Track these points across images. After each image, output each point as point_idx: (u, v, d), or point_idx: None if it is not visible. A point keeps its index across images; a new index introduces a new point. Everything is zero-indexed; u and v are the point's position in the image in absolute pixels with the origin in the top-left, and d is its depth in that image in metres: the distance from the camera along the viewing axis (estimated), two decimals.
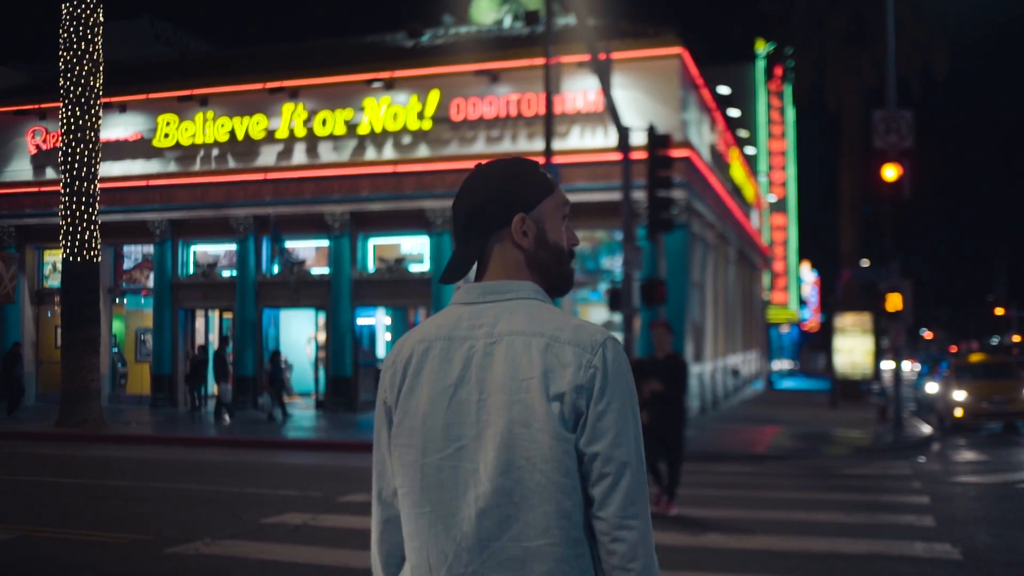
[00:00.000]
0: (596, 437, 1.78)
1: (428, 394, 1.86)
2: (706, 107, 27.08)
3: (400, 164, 23.35)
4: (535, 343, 1.81)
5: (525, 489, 1.77)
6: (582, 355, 1.80)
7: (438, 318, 1.94)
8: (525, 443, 1.77)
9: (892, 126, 20.40)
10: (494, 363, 1.82)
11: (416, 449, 1.85)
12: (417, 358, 1.90)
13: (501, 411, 1.79)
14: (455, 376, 1.85)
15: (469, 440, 1.81)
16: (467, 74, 22.95)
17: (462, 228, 1.95)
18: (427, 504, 1.83)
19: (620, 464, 1.78)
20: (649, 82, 22.04)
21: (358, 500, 10.88)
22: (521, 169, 1.96)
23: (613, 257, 23.59)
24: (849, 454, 17.02)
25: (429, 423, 1.84)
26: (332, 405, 23.66)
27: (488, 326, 1.86)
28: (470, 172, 1.98)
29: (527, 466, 1.77)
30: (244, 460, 15.41)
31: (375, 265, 24.51)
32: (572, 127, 22.32)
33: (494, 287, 1.91)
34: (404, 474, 1.87)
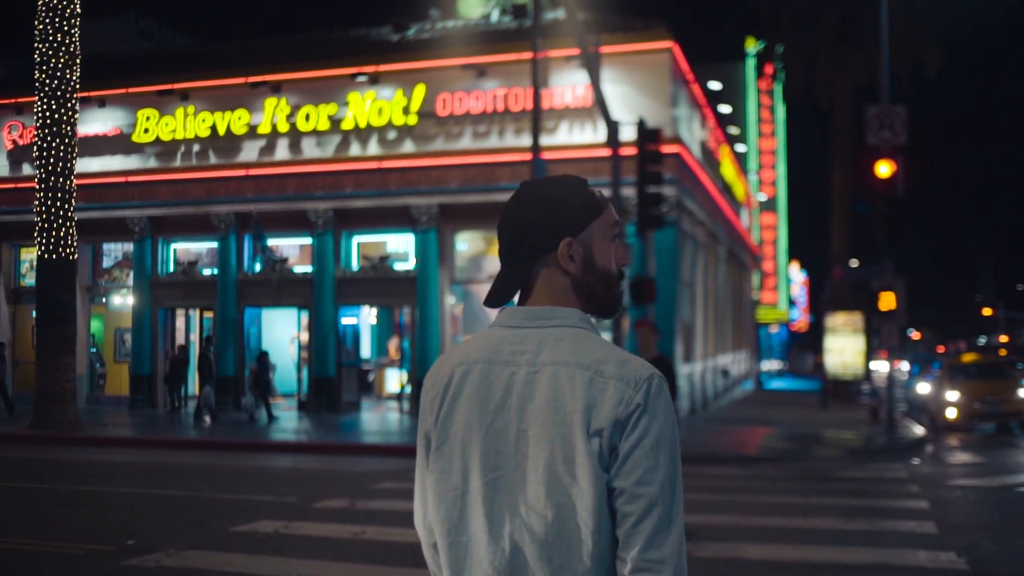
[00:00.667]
0: (623, 473, 1.72)
1: (466, 419, 1.81)
2: (696, 103, 26.70)
3: (385, 160, 22.89)
4: (579, 375, 1.75)
5: (563, 528, 1.72)
6: (624, 390, 1.74)
7: (479, 340, 1.89)
8: (566, 480, 1.72)
9: (886, 122, 20.05)
10: (536, 393, 1.77)
11: (455, 476, 1.81)
12: (456, 381, 1.85)
13: (542, 444, 1.74)
14: (495, 403, 1.80)
15: (508, 471, 1.77)
16: (453, 68, 22.50)
17: (507, 250, 1.89)
18: (464, 533, 1.80)
19: (646, 503, 1.71)
20: (639, 77, 21.64)
21: (334, 506, 10.43)
22: (569, 190, 1.89)
23: None
24: (842, 456, 16.64)
25: (467, 450, 1.80)
26: (315, 406, 23.19)
27: (531, 353, 1.81)
28: (516, 191, 1.92)
29: (567, 504, 1.72)
30: (221, 463, 14.94)
31: (359, 263, 24.05)
32: (560, 122, 21.90)
33: (539, 312, 1.85)
34: (439, 502, 1.84)
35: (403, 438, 18.73)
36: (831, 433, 20.24)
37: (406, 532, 8.92)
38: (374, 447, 17.01)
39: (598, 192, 1.93)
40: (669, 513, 1.73)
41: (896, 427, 20.59)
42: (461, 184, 22.41)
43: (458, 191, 22.45)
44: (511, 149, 21.84)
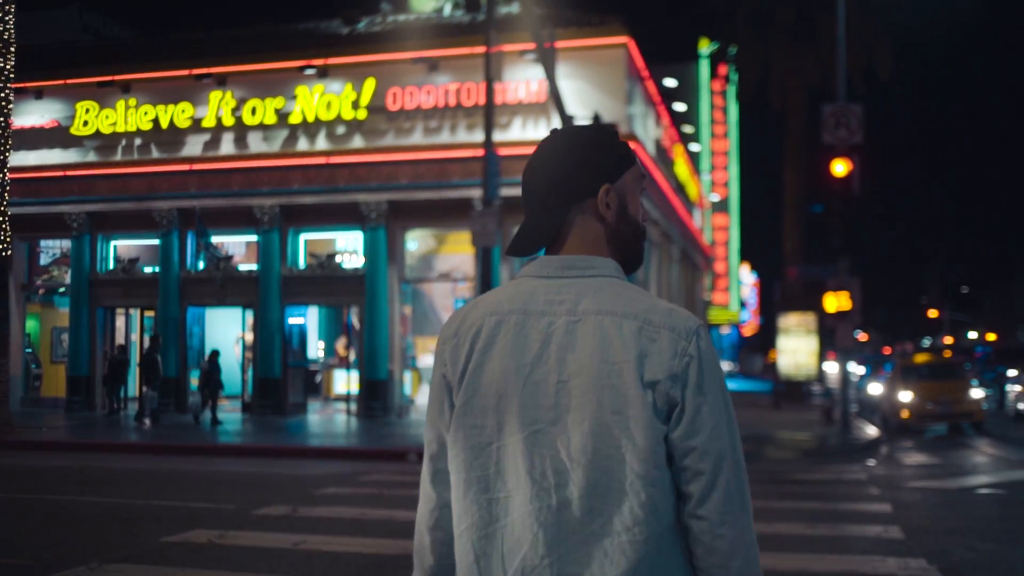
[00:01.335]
0: (694, 431, 1.68)
1: (501, 371, 1.74)
2: (651, 100, 26.44)
3: (333, 155, 22.31)
4: (626, 325, 1.71)
5: (612, 480, 1.67)
6: (677, 341, 1.70)
7: (507, 290, 1.82)
8: (616, 431, 1.67)
9: (842, 120, 19.88)
10: (578, 343, 1.71)
11: (488, 431, 1.74)
12: (487, 332, 1.77)
13: (588, 395, 1.68)
14: (532, 354, 1.73)
15: (547, 424, 1.70)
16: (404, 62, 21.98)
17: (540, 196, 1.82)
18: (502, 490, 1.72)
19: (718, 459, 1.68)
20: (594, 72, 21.28)
21: (275, 514, 9.89)
22: (606, 136, 1.86)
23: None
24: (798, 457, 16.38)
25: (503, 404, 1.73)
26: (260, 408, 22.51)
27: (570, 303, 1.74)
28: (546, 138, 1.86)
29: (616, 456, 1.67)
30: (159, 468, 14.29)
31: (306, 261, 23.43)
32: (513, 118, 21.47)
33: (574, 261, 1.79)
34: (471, 458, 1.75)
35: (350, 440, 18.18)
36: (785, 434, 20.03)
37: (350, 541, 8.42)
38: (320, 450, 16.45)
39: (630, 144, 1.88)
40: (739, 467, 1.71)
41: (850, 428, 20.45)
42: (411, 180, 21.89)
43: (408, 188, 21.94)
44: (463, 145, 21.37)
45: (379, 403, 21.90)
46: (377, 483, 12.40)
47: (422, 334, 25.11)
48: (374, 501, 10.80)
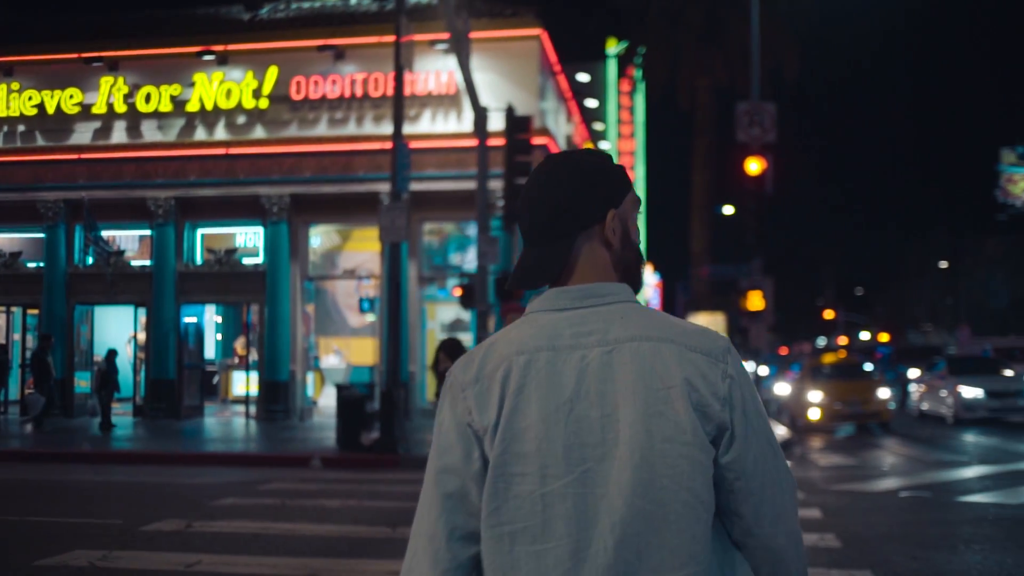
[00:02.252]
0: (744, 453, 1.67)
1: (539, 414, 1.66)
2: (563, 96, 26.00)
3: (233, 146, 21.29)
4: (665, 349, 1.67)
5: (668, 511, 1.62)
6: (716, 364, 1.68)
7: (524, 328, 1.75)
8: (670, 459, 1.62)
9: (755, 119, 19.70)
10: (616, 373, 1.66)
11: (533, 478, 1.64)
12: (518, 373, 1.68)
13: (636, 425, 1.63)
14: (569, 391, 1.66)
15: (595, 462, 1.64)
16: (309, 50, 21.10)
17: (544, 225, 1.76)
18: (551, 539, 1.63)
19: (767, 479, 1.69)
20: (506, 65, 20.72)
21: (167, 529, 9.02)
22: (606, 162, 1.83)
23: (463, 252, 22.22)
24: None
25: (545, 447, 1.64)
26: (152, 411, 21.33)
27: (599, 333, 1.69)
28: (544, 162, 1.81)
29: (671, 486, 1.62)
30: (40, 479, 13.18)
31: (203, 257, 22.32)
32: (423, 110, 20.77)
33: (590, 290, 1.75)
34: (517, 507, 1.65)
35: (249, 446, 17.24)
36: None
37: (250, 561, 7.65)
38: (217, 456, 15.48)
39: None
40: (785, 476, 1.73)
41: None
42: (316, 173, 21.02)
43: (312, 181, 21.06)
44: (370, 137, 20.59)
45: (280, 406, 20.96)
46: (279, 492, 11.59)
47: (325, 334, 24.24)
48: (276, 513, 10.01)
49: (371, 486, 12.21)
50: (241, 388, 23.48)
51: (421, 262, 21.65)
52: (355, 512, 10.10)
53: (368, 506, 10.46)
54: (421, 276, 21.72)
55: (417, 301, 21.49)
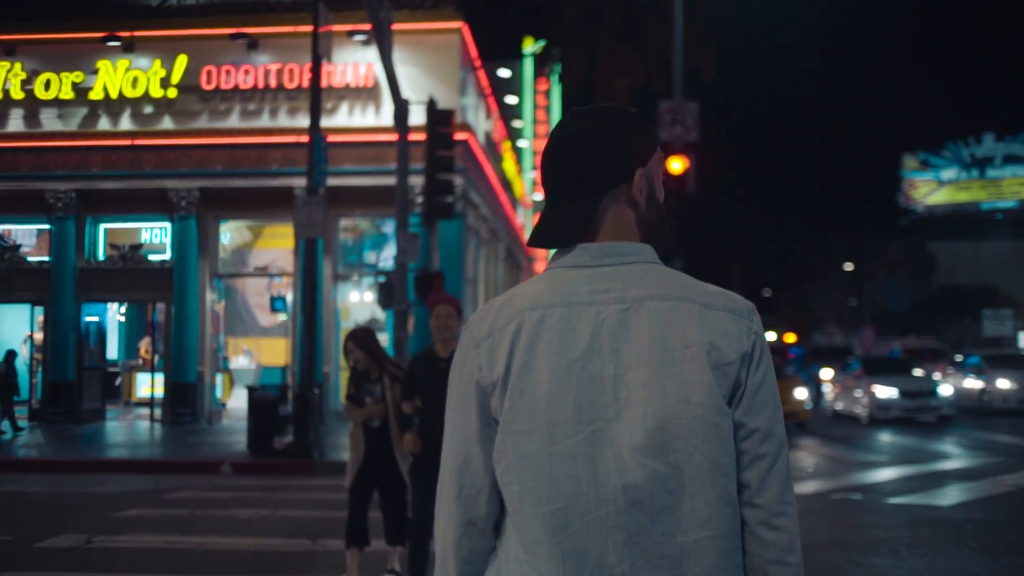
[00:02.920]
0: (756, 410, 1.63)
1: (550, 370, 1.62)
2: (482, 92, 25.59)
3: (139, 137, 20.32)
4: (685, 308, 1.63)
5: (683, 474, 1.57)
6: (741, 321, 1.65)
7: (542, 283, 1.70)
8: (684, 420, 1.57)
9: (678, 117, 19.55)
10: (632, 331, 1.62)
11: (540, 436, 1.61)
12: (530, 328, 1.65)
13: (650, 385, 1.59)
14: (582, 347, 1.62)
15: (606, 421, 1.59)
16: (221, 38, 20.25)
17: (570, 182, 1.71)
18: (559, 499, 1.59)
19: (779, 442, 1.64)
20: (427, 58, 20.20)
21: (64, 546, 8.33)
22: (633, 119, 1.76)
23: (380, 251, 21.68)
24: None
25: (555, 404, 1.61)
26: (51, 415, 20.22)
27: (617, 291, 1.65)
28: (570, 118, 1.73)
29: (686, 447, 1.57)
30: None
31: (107, 253, 21.27)
32: (340, 103, 20.13)
33: (611, 248, 1.70)
34: (523, 466, 1.61)
35: (155, 451, 16.42)
36: None
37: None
38: (120, 463, 14.66)
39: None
40: (787, 453, 1.67)
41: None
42: (227, 167, 20.21)
43: (223, 175, 20.24)
44: (285, 130, 19.88)
45: (187, 408, 20.09)
46: (187, 502, 10.92)
47: (235, 334, 23.40)
48: (185, 525, 9.37)
49: (286, 494, 11.63)
50: (146, 390, 22.43)
51: (336, 260, 21.02)
52: (271, 523, 9.53)
53: (284, 516, 9.89)
54: (336, 274, 21.09)
55: (332, 300, 20.86)
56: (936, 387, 22.64)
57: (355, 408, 6.92)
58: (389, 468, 6.87)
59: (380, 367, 6.94)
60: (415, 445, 6.18)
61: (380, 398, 6.85)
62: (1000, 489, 11.73)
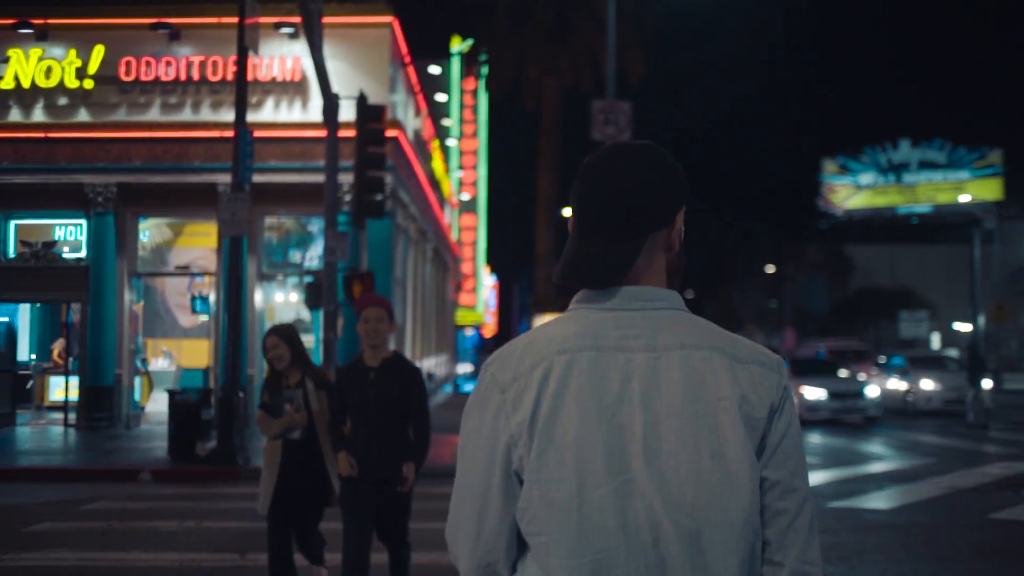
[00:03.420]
0: (778, 463, 1.59)
1: (579, 417, 1.56)
2: (412, 89, 25.16)
3: (53, 129, 19.46)
4: (717, 360, 1.60)
5: (715, 532, 1.52)
6: (771, 375, 1.63)
7: (568, 324, 1.66)
8: (718, 476, 1.53)
9: (611, 117, 19.41)
10: (663, 381, 1.58)
11: (569, 485, 1.55)
12: (558, 373, 1.58)
13: (683, 437, 1.54)
14: (613, 395, 1.57)
15: (637, 472, 1.54)
16: (141, 28, 19.52)
17: (617, 221, 1.64)
18: (588, 552, 1.54)
19: (801, 497, 1.60)
20: (356, 52, 19.72)
21: None
22: (672, 159, 1.73)
23: (305, 250, 21.14)
24: None
25: (585, 453, 1.55)
26: None
27: (647, 337, 1.61)
28: (615, 153, 1.69)
29: (717, 504, 1.53)
30: None
31: (17, 250, 20.32)
32: (266, 98, 19.54)
33: (641, 292, 1.66)
34: (551, 516, 1.55)
35: (69, 457, 15.67)
36: None
37: None
38: (32, 471, 13.91)
39: None
40: (812, 507, 1.63)
41: None
42: (146, 162, 19.47)
43: (142, 170, 19.50)
44: (208, 124, 19.22)
45: (104, 413, 19.30)
46: (105, 513, 10.34)
47: (154, 335, 22.61)
48: (103, 540, 8.81)
49: (210, 503, 11.10)
50: (59, 393, 21.48)
51: (260, 259, 20.41)
52: (196, 536, 9.03)
53: (210, 528, 9.40)
54: (261, 274, 20.47)
55: (256, 300, 20.24)
56: (863, 388, 22.87)
57: (270, 419, 6.06)
58: (314, 488, 6.04)
59: (302, 369, 6.13)
60: (353, 468, 5.46)
61: (302, 405, 6.00)
62: (938, 491, 11.76)
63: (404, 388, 5.57)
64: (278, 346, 6.08)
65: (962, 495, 11.55)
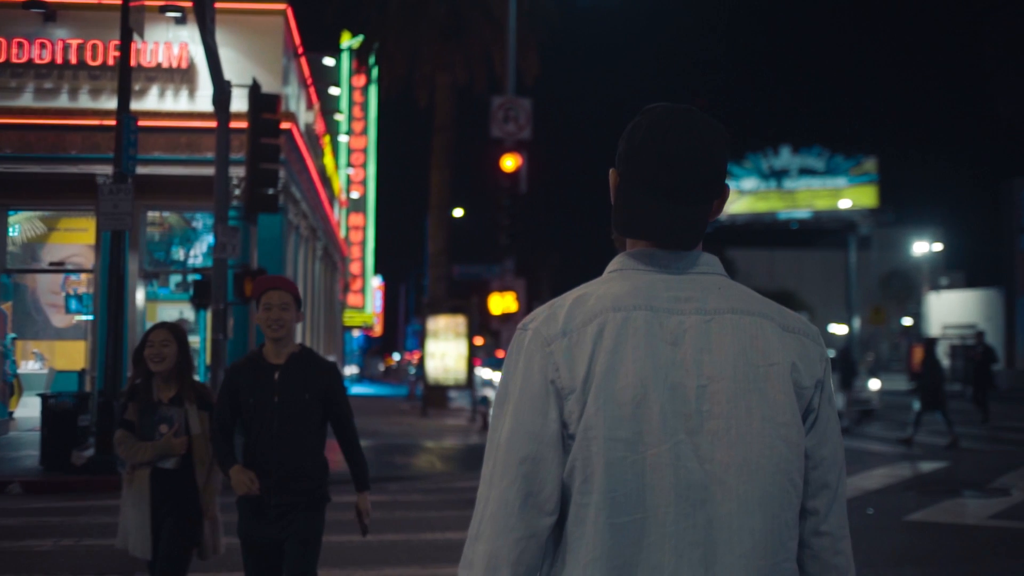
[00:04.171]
0: (825, 439, 1.64)
1: (637, 375, 1.56)
2: (304, 81, 24.34)
3: None
4: (766, 326, 1.63)
5: (764, 495, 1.55)
6: (815, 346, 1.66)
7: (619, 283, 1.65)
8: (768, 440, 1.56)
9: (510, 114, 19.09)
10: (714, 343, 1.59)
11: (625, 443, 1.55)
12: (614, 330, 1.58)
13: (734, 401, 1.57)
14: (667, 356, 1.58)
15: (687, 434, 1.55)
16: (12, 6, 18.31)
17: (702, 184, 1.65)
18: (639, 510, 1.54)
19: (840, 468, 1.67)
20: (248, 41, 18.88)
21: None
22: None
23: (189, 247, 20.18)
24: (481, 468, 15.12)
25: (642, 411, 1.55)
26: None
27: (697, 300, 1.63)
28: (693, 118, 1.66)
29: (766, 466, 1.56)
30: None
31: None
32: (150, 85, 18.54)
33: (691, 257, 1.67)
34: (606, 474, 1.54)
35: None
36: (450, 443, 18.86)
37: None
38: None
39: None
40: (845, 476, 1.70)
41: None
42: (17, 151, 18.24)
43: (13, 159, 18.26)
44: (86, 112, 18.11)
45: None
46: None
47: (24, 336, 21.24)
48: None
49: (89, 517, 10.25)
50: None
51: (142, 256, 19.35)
52: (75, 556, 8.25)
53: (90, 547, 8.60)
54: (143, 271, 19.42)
55: (137, 299, 19.18)
56: None
57: (138, 442, 4.95)
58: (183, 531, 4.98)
59: (181, 381, 5.04)
60: (253, 484, 4.42)
61: (183, 428, 4.96)
62: (850, 493, 11.70)
63: (320, 392, 4.58)
64: (168, 344, 5.00)
65: (872, 497, 11.55)
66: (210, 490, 5.02)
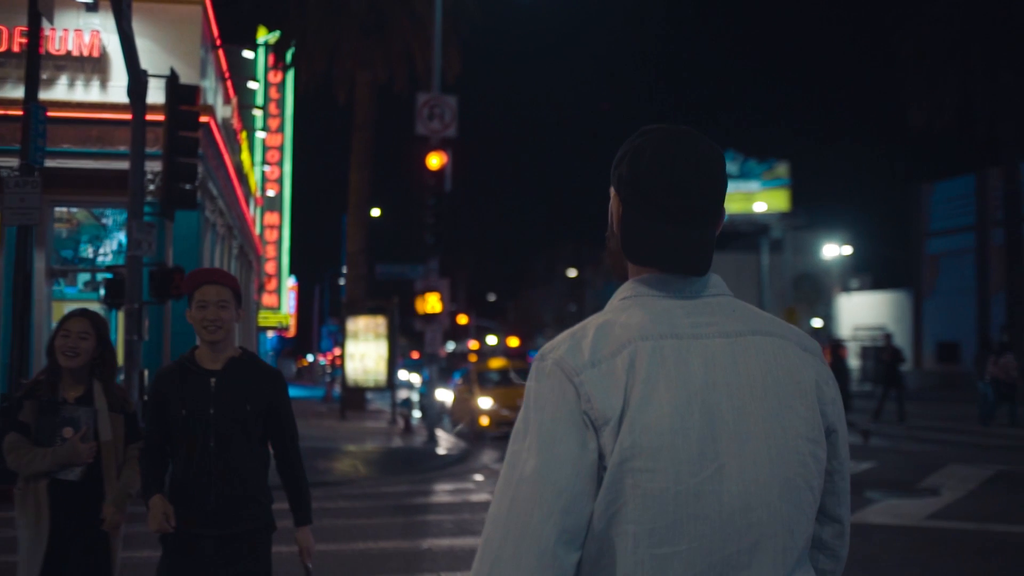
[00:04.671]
0: (841, 454, 1.70)
1: (672, 404, 1.53)
2: (222, 75, 23.66)
3: None
4: (787, 347, 1.65)
5: (800, 513, 1.58)
6: (824, 367, 1.69)
7: (639, 311, 1.62)
8: (802, 457, 1.58)
9: (436, 111, 18.79)
10: (740, 366, 1.59)
11: (664, 474, 1.51)
12: (646, 359, 1.55)
13: (769, 420, 1.57)
14: (699, 381, 1.56)
15: (728, 457, 1.53)
16: None
17: (711, 206, 1.66)
18: (682, 541, 1.51)
19: (848, 481, 1.75)
20: (164, 31, 18.18)
21: None
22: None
23: (98, 245, 19.41)
24: (411, 476, 14.78)
25: (679, 440, 1.52)
26: None
27: (717, 324, 1.63)
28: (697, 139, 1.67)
29: (802, 485, 1.58)
30: None
31: None
32: (59, 75, 17.73)
33: (700, 280, 1.68)
34: (646, 507, 1.51)
35: None
36: (372, 446, 18.50)
37: None
38: None
39: None
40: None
41: (435, 437, 19.40)
42: None
43: None
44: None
45: None
46: None
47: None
48: None
49: None
50: None
51: (49, 253, 18.52)
52: None
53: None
54: (49, 269, 18.58)
55: (44, 298, 18.34)
56: None
57: (33, 448, 4.20)
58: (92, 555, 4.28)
59: (91, 378, 4.38)
60: (168, 521, 3.77)
61: (91, 433, 4.26)
62: None
63: (264, 404, 3.95)
64: (87, 336, 4.31)
65: None
66: (122, 497, 4.29)
